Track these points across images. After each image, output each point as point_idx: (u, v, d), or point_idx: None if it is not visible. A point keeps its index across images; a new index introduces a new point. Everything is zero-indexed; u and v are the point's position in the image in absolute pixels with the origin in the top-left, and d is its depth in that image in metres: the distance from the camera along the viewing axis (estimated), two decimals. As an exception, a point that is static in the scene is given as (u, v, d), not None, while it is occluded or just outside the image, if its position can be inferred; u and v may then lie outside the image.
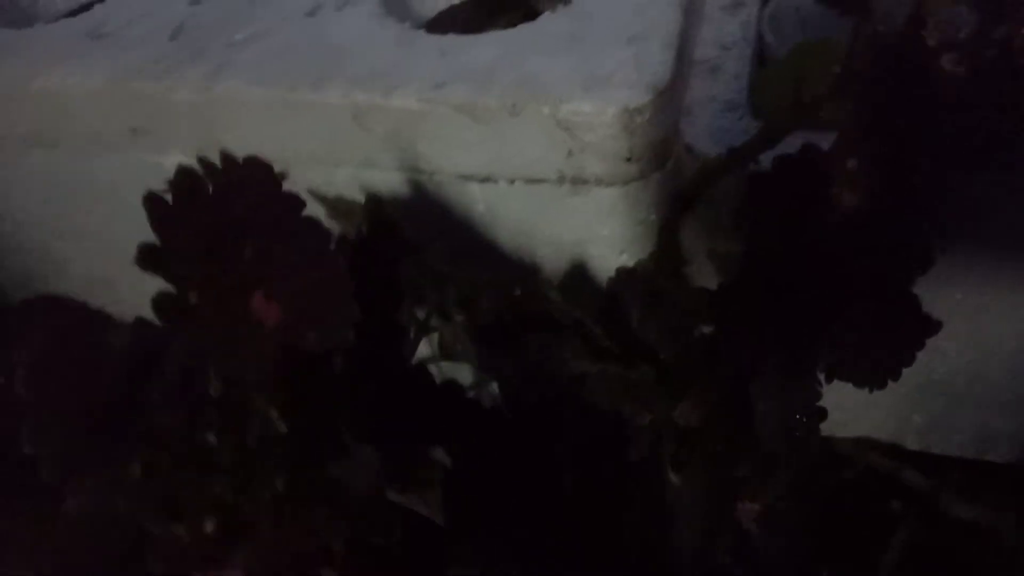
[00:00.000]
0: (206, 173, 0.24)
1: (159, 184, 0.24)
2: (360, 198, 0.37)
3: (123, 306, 0.25)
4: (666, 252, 0.35)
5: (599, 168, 0.34)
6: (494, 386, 0.35)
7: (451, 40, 0.36)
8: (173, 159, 0.38)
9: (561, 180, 0.35)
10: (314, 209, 0.28)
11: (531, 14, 0.40)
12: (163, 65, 0.37)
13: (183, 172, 0.24)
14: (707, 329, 0.30)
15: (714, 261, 0.36)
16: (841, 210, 0.27)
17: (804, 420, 0.28)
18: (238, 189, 0.24)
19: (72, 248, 0.45)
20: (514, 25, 0.38)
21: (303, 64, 0.36)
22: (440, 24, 0.43)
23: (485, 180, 0.36)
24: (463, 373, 0.38)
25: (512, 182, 0.36)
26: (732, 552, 0.29)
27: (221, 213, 0.23)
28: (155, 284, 0.24)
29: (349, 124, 0.35)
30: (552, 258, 0.38)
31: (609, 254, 0.37)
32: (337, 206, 0.37)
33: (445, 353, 0.38)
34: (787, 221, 0.27)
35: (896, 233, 0.27)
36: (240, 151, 0.34)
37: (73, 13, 0.45)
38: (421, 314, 0.35)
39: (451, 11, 0.44)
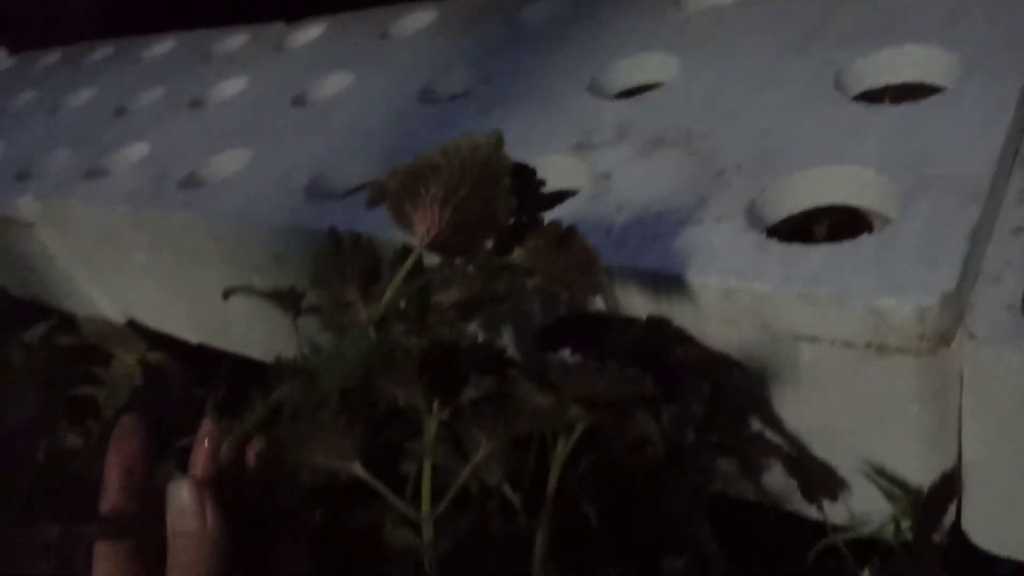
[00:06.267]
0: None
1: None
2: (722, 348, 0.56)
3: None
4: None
5: (898, 342, 0.49)
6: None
7: (791, 249, 0.53)
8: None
9: (869, 346, 0.50)
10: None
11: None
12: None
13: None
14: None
15: None
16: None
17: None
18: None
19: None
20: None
21: (691, 258, 0.56)
22: (781, 230, 0.61)
23: (812, 340, 0.53)
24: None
25: (832, 343, 0.52)
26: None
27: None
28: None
29: (720, 298, 0.54)
30: (857, 403, 0.53)
31: (904, 405, 0.51)
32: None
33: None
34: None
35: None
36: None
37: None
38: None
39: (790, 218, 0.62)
